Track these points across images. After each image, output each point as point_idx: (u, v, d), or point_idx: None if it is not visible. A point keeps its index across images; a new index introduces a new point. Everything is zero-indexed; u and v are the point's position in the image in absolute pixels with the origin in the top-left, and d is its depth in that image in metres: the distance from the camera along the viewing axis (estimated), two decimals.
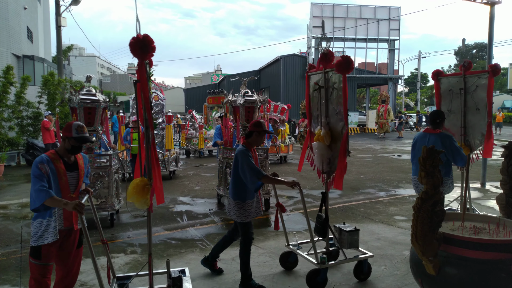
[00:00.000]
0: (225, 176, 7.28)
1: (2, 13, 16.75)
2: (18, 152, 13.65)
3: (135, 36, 2.79)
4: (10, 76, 13.15)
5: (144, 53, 2.78)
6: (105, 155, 6.31)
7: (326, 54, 4.07)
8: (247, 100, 6.94)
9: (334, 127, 4.12)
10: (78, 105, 5.97)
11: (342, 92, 3.87)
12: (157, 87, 11.07)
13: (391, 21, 32.60)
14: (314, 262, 3.98)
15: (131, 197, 3.08)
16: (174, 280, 3.47)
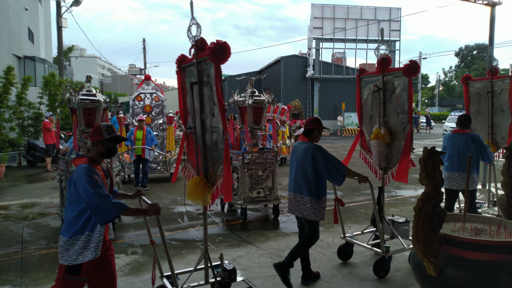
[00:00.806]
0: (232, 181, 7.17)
1: (3, 14, 16.78)
2: (19, 153, 13.67)
3: (214, 42, 2.91)
4: (11, 76, 13.16)
5: (222, 58, 2.92)
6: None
7: (385, 59, 4.41)
8: (255, 100, 6.66)
9: (393, 126, 4.40)
10: (77, 105, 5.74)
11: (408, 94, 4.15)
12: (157, 87, 11.10)
13: (391, 22, 32.61)
14: (379, 251, 4.29)
15: (190, 196, 3.21)
16: (229, 273, 3.64)
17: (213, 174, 3.35)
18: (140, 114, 10.34)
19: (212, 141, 3.31)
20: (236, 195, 6.58)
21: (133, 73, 67.08)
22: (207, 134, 3.33)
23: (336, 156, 4.01)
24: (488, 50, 9.10)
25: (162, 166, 10.28)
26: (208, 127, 3.32)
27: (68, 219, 2.78)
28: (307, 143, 4.00)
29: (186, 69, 3.58)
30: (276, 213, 6.75)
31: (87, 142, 5.90)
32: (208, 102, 3.27)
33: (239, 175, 6.53)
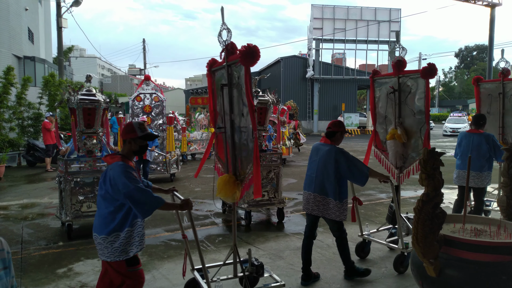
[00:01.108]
0: None
1: (3, 14, 16.78)
2: (19, 153, 13.66)
3: (245, 45, 3.02)
4: (11, 77, 13.16)
5: (253, 61, 3.02)
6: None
7: (401, 61, 4.53)
8: (260, 101, 6.48)
9: (409, 126, 4.52)
10: (77, 105, 5.64)
11: (425, 95, 4.31)
12: (157, 88, 11.04)
13: (391, 23, 32.62)
14: (397, 247, 4.45)
15: (220, 192, 3.37)
16: (257, 268, 3.77)
17: (242, 171, 3.47)
18: (140, 115, 10.29)
19: (242, 140, 3.43)
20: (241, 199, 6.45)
21: (133, 73, 67.05)
22: (236, 133, 3.44)
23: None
24: (488, 51, 9.11)
25: (162, 167, 10.23)
26: (238, 127, 3.43)
27: (103, 215, 2.85)
28: (329, 146, 4.08)
29: (216, 72, 3.74)
30: (281, 216, 6.52)
31: (87, 143, 5.80)
32: (238, 103, 3.37)
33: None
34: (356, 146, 20.59)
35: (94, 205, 5.65)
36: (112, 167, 2.85)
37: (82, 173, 5.77)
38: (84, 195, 5.79)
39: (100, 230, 2.85)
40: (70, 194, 5.66)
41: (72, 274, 4.43)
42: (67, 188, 5.65)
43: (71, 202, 5.67)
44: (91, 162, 5.85)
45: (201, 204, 7.91)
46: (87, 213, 5.81)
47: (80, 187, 5.76)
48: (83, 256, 4.98)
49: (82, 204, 5.76)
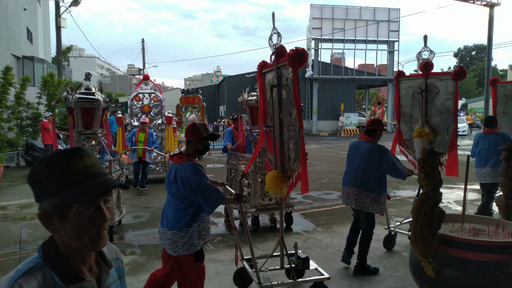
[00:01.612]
0: (240, 187, 6.32)
1: (2, 13, 16.75)
2: (17, 153, 13.64)
3: (293, 49, 3.18)
4: (10, 76, 13.14)
5: (301, 63, 3.17)
6: (104, 161, 5.66)
7: (428, 64, 4.74)
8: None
9: (435, 125, 4.78)
10: (75, 105, 5.30)
11: (453, 96, 4.54)
12: (156, 87, 10.99)
13: (390, 23, 32.64)
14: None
15: (269, 188, 3.57)
16: (303, 260, 3.91)
17: (289, 168, 3.64)
18: (140, 115, 10.26)
19: (289, 139, 3.58)
20: (247, 203, 6.11)
21: (132, 73, 67.02)
22: (284, 132, 3.61)
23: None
24: (487, 51, 9.12)
25: (161, 167, 10.19)
26: (286, 126, 3.60)
27: (174, 212, 3.03)
28: (371, 143, 4.34)
29: (266, 74, 3.92)
30: (289, 221, 6.25)
31: (86, 145, 5.49)
32: (286, 103, 3.52)
33: (250, 181, 6.05)
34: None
35: None
36: (182, 166, 3.01)
37: None
38: None
39: (171, 226, 3.02)
40: None
41: None
42: None
43: None
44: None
45: None
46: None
47: None
48: None
49: None
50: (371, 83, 36.12)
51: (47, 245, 1.18)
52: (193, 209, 3.00)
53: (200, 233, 3.06)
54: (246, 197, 6.04)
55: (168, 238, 3.02)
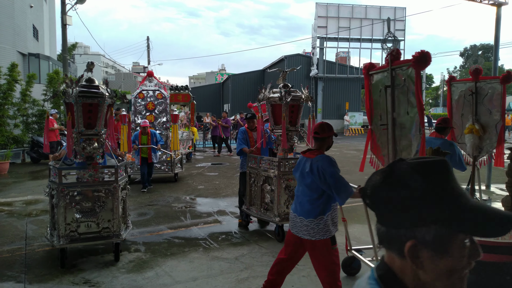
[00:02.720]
0: (261, 194, 5.79)
1: (8, 11, 16.85)
2: (23, 150, 13.73)
3: (419, 51, 3.31)
4: (16, 73, 13.22)
5: (425, 65, 3.31)
6: (109, 167, 4.81)
7: (478, 69, 5.13)
8: (294, 97, 5.61)
9: (484, 122, 5.22)
10: (75, 100, 4.47)
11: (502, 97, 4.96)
12: (160, 84, 10.70)
13: (396, 22, 32.47)
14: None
15: None
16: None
17: None
18: (144, 112, 10.13)
19: (404, 136, 3.69)
20: (269, 211, 5.62)
21: (137, 71, 67.24)
22: (397, 129, 3.73)
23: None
24: (494, 50, 9.05)
25: (166, 166, 9.94)
26: (399, 124, 3.71)
27: (309, 202, 3.33)
28: (442, 139, 4.74)
29: (373, 75, 4.06)
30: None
31: (87, 147, 4.68)
32: (402, 102, 3.63)
33: (273, 186, 5.55)
34: (360, 146, 20.55)
35: (94, 225, 4.58)
36: (318, 159, 3.28)
37: (81, 185, 4.57)
38: (83, 213, 4.56)
39: (307, 214, 3.33)
40: (65, 211, 4.47)
41: (75, 270, 4.45)
42: (61, 203, 4.45)
43: (66, 221, 4.48)
44: (92, 172, 4.64)
45: (204, 203, 7.92)
46: (86, 236, 4.57)
47: (78, 202, 4.54)
48: (86, 253, 5.00)
49: (79, 224, 4.55)
50: None
51: (388, 277, 0.94)
52: (324, 199, 3.30)
53: (333, 220, 3.37)
54: (269, 205, 5.64)
55: (305, 225, 3.34)
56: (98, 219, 4.60)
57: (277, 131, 5.78)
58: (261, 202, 5.80)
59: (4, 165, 11.37)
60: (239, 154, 6.36)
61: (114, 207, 4.66)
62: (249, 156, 6.06)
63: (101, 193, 4.61)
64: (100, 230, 4.62)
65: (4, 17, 16.52)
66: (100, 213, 4.61)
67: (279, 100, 5.63)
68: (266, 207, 5.73)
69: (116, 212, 4.67)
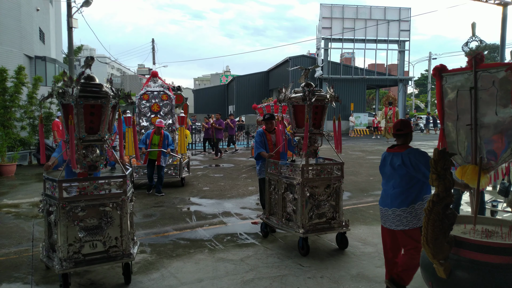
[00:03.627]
0: (283, 202, 5.30)
1: (15, 14, 16.99)
2: (29, 152, 13.83)
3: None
4: (22, 76, 13.33)
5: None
6: (116, 178, 4.16)
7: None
8: (319, 97, 5.15)
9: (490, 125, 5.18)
10: (75, 101, 3.83)
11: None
12: (165, 85, 10.35)
13: (401, 22, 32.37)
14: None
15: (468, 180, 3.74)
16: None
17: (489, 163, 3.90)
18: (149, 114, 9.76)
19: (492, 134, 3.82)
20: (292, 221, 5.15)
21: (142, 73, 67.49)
22: (482, 129, 3.84)
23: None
24: (500, 51, 8.99)
25: (173, 170, 9.52)
26: (484, 124, 3.84)
27: (402, 192, 3.62)
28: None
29: (446, 77, 4.17)
30: (343, 244, 5.18)
31: (89, 156, 4.08)
32: (489, 103, 3.77)
33: (296, 195, 5.05)
34: (365, 147, 20.50)
35: (100, 244, 4.00)
36: (409, 151, 3.61)
37: (85, 199, 3.94)
38: (87, 231, 3.94)
39: (400, 204, 3.60)
40: (67, 230, 3.85)
41: (82, 272, 4.47)
42: (62, 221, 3.83)
43: (68, 241, 3.87)
44: (97, 184, 4.01)
45: (210, 204, 7.93)
46: (92, 257, 3.97)
47: (81, 219, 3.91)
48: None
49: (83, 244, 3.93)
50: (381, 83, 35.89)
51: None
52: (416, 189, 3.57)
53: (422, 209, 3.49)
54: (291, 215, 5.17)
55: (398, 216, 3.58)
56: (105, 237, 4.02)
57: (299, 134, 5.33)
58: (282, 211, 5.31)
59: (11, 167, 11.47)
60: (257, 159, 5.97)
61: (123, 223, 4.09)
62: (268, 161, 5.62)
63: (108, 207, 4.02)
64: (107, 250, 4.03)
65: (11, 20, 16.66)
66: (107, 230, 4.03)
67: (302, 101, 5.11)
68: (288, 217, 5.24)
69: (126, 228, 4.11)
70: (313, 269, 4.52)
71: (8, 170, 11.35)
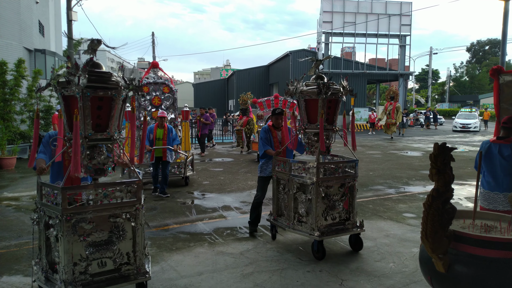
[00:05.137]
0: (295, 203, 4.88)
1: (14, 7, 16.91)
2: (29, 145, 13.81)
3: None
4: (22, 69, 13.30)
5: None
6: (129, 183, 3.53)
7: None
8: (333, 90, 4.81)
9: None
10: (81, 92, 3.16)
11: None
12: (166, 77, 9.51)
13: (402, 17, 32.25)
14: None
15: None
16: None
17: None
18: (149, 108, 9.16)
19: None
20: (305, 223, 4.79)
21: (142, 66, 67.32)
22: None
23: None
24: (501, 45, 8.96)
25: (177, 169, 8.86)
26: None
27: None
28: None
29: (503, 76, 4.56)
30: (358, 245, 4.93)
31: (95, 157, 3.41)
32: None
33: (309, 195, 4.69)
34: (364, 141, 20.49)
35: (110, 262, 3.40)
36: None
37: (93, 209, 3.31)
38: (95, 247, 3.34)
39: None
40: (71, 247, 3.22)
41: None
42: (67, 237, 3.20)
43: (72, 260, 3.23)
44: (107, 191, 3.39)
45: (209, 198, 7.95)
46: (101, 277, 3.36)
47: (89, 233, 3.31)
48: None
49: (91, 262, 3.33)
50: (381, 77, 35.82)
51: None
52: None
53: None
54: (304, 217, 4.81)
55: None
56: (115, 253, 3.42)
57: (311, 131, 4.94)
58: (294, 212, 4.90)
59: (11, 160, 11.48)
60: (262, 157, 5.55)
61: (137, 236, 3.50)
62: (276, 159, 5.20)
63: (120, 218, 3.42)
64: (119, 268, 3.44)
65: (10, 13, 16.58)
66: (118, 245, 3.42)
67: (316, 95, 4.70)
68: (300, 218, 4.86)
69: (140, 241, 3.52)
70: (312, 263, 4.54)
71: (8, 163, 11.37)
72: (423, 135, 24.43)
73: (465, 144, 19.01)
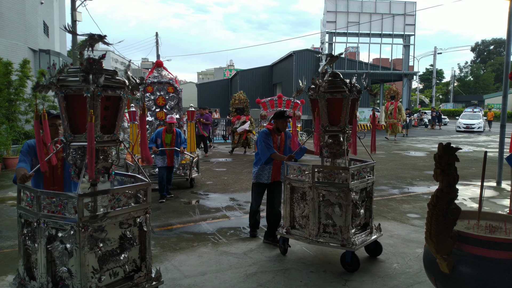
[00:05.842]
0: (317, 213, 4.41)
1: (19, 7, 17.02)
2: None
3: None
4: (27, 70, 13.36)
5: None
6: (139, 187, 3.27)
7: None
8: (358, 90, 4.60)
9: None
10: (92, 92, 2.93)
11: None
12: (171, 77, 9.30)
13: (406, 16, 32.14)
14: None
15: None
16: None
17: None
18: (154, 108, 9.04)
19: None
20: (334, 234, 4.38)
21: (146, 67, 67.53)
22: None
23: None
24: (506, 45, 8.91)
25: (182, 171, 8.64)
26: None
27: None
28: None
29: None
30: (377, 250, 4.73)
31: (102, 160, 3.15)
32: None
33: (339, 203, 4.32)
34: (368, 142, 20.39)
35: (121, 270, 3.17)
36: None
37: (108, 216, 3.02)
38: (108, 257, 3.09)
39: None
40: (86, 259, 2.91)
41: None
42: (81, 249, 2.88)
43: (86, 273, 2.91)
44: (121, 196, 3.13)
45: (213, 198, 7.96)
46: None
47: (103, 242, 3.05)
48: None
49: (104, 273, 3.05)
50: (385, 77, 35.69)
51: None
52: None
53: None
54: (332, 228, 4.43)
55: None
56: (126, 261, 3.19)
57: (334, 132, 4.52)
58: (319, 223, 4.44)
59: (16, 160, 11.52)
60: (267, 163, 5.11)
61: (147, 241, 3.32)
62: (289, 165, 4.73)
63: (132, 223, 3.22)
64: (130, 275, 3.22)
65: (15, 13, 16.69)
66: (128, 252, 3.20)
67: (341, 95, 4.35)
68: (325, 229, 4.44)
69: (149, 246, 3.35)
70: (316, 263, 4.53)
71: (13, 163, 11.43)
72: (427, 135, 24.34)
73: (469, 144, 18.92)
